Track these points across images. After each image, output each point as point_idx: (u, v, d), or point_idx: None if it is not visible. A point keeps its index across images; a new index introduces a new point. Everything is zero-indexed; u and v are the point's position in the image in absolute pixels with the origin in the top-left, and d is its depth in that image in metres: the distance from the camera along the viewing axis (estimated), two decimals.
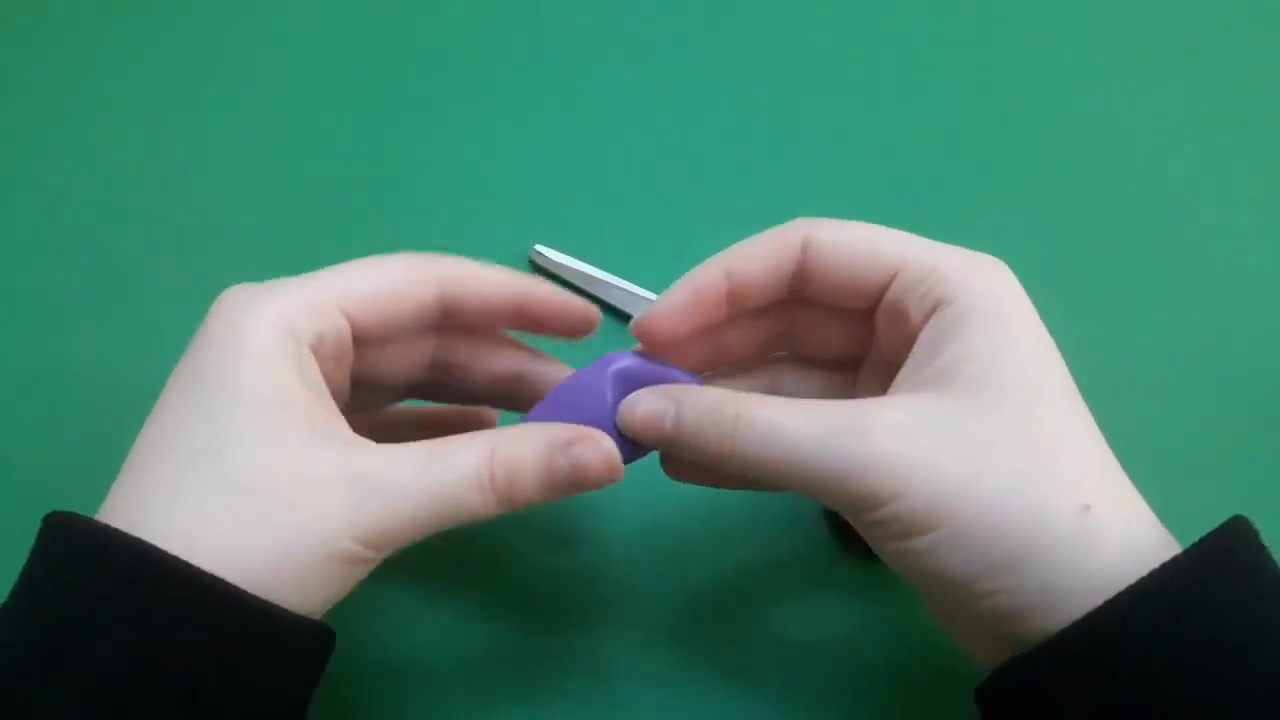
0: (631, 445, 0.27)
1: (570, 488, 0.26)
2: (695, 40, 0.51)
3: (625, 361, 0.28)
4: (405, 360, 0.30)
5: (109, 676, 0.22)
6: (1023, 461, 0.23)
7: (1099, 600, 0.22)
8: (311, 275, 0.27)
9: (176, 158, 0.47)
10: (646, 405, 0.27)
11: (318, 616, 0.25)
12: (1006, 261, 0.28)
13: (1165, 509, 0.25)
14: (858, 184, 0.47)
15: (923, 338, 0.26)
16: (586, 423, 0.27)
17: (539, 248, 0.42)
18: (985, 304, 0.25)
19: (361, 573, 0.25)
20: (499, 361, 0.31)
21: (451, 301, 0.28)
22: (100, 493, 0.24)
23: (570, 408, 0.28)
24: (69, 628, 0.22)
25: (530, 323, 0.29)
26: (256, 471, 0.23)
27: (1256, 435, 0.39)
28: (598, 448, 0.26)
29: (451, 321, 0.29)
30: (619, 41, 0.50)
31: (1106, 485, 0.24)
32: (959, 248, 0.27)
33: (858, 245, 0.27)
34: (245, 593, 0.22)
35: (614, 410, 0.27)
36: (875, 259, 0.27)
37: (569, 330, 0.30)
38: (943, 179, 0.47)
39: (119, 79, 0.50)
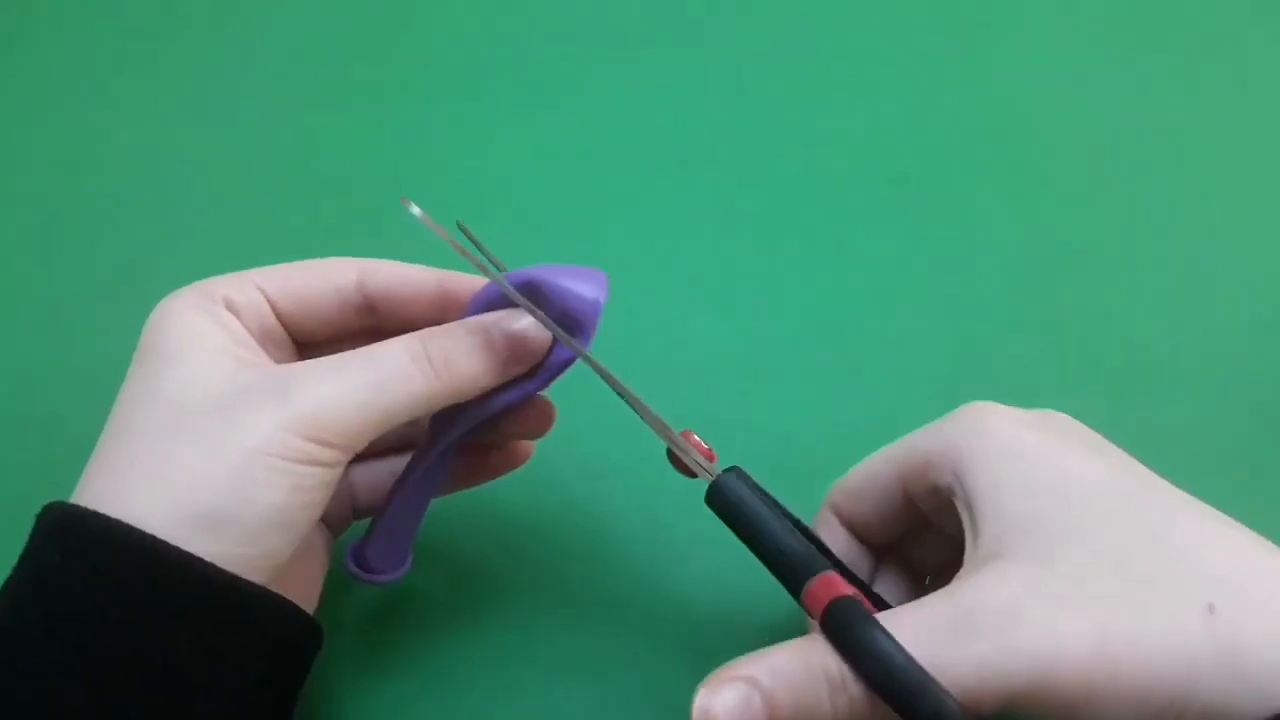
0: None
1: (510, 359, 0.27)
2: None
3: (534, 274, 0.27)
4: (332, 304, 0.30)
5: (87, 645, 0.22)
6: (1121, 591, 0.22)
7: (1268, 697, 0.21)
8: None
9: (177, 157, 0.47)
10: (726, 700, 0.22)
11: (284, 534, 0.24)
12: (1004, 261, 0.27)
13: None
14: (858, 181, 0.47)
15: (964, 516, 0.25)
16: None
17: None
18: (993, 458, 0.24)
19: (315, 477, 0.24)
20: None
21: (374, 291, 0.29)
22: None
23: None
24: (49, 604, 0.23)
25: (455, 310, 0.29)
26: (188, 402, 0.24)
27: (1257, 435, 0.39)
28: (521, 316, 0.27)
29: (380, 317, 0.29)
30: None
31: (1215, 572, 0.22)
32: (949, 415, 0.27)
33: (874, 483, 0.28)
34: (173, 548, 0.23)
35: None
36: (889, 486, 0.28)
37: None
38: (942, 179, 0.47)
39: (120, 78, 0.50)
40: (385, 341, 0.26)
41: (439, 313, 0.29)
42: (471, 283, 0.29)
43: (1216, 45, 0.52)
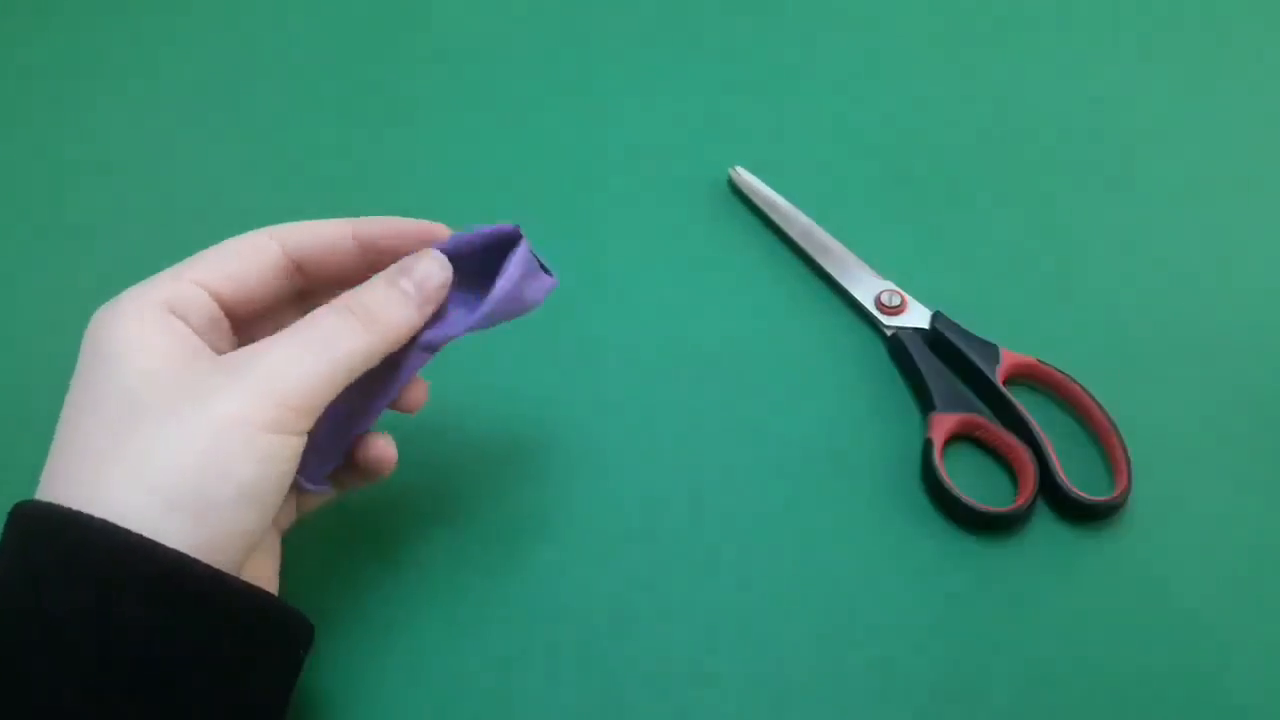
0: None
1: (423, 300, 0.28)
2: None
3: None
4: (261, 281, 0.30)
5: (78, 646, 0.22)
6: None
7: None
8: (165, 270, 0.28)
9: (178, 158, 0.47)
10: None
11: (260, 508, 0.25)
12: (1004, 260, 0.26)
13: (1165, 510, 0.25)
14: (856, 182, 0.47)
15: None
16: None
17: (739, 169, 0.46)
18: None
19: (282, 445, 0.25)
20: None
21: (296, 252, 0.29)
22: None
23: None
24: (35, 606, 0.23)
25: (374, 252, 0.30)
26: (145, 394, 0.24)
27: (1257, 435, 0.39)
28: (432, 260, 0.29)
29: (309, 276, 0.30)
30: None
31: None
32: None
33: None
34: (163, 547, 0.23)
35: None
36: None
37: (421, 245, 0.31)
38: (944, 178, 0.47)
39: (120, 78, 0.50)
40: (316, 310, 0.27)
41: (359, 260, 0.30)
42: (381, 225, 0.30)
43: (1216, 45, 0.52)
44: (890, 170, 0.47)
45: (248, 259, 0.29)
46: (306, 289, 0.31)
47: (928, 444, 0.37)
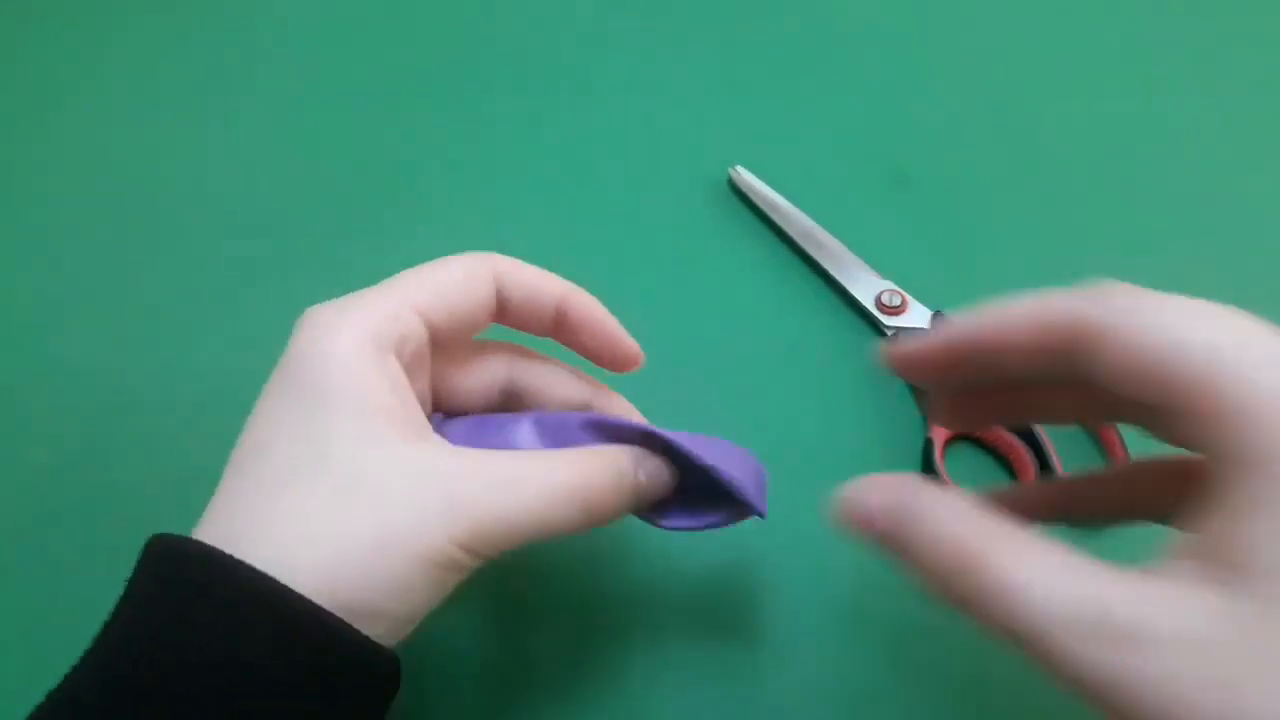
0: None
1: (636, 501, 0.27)
2: None
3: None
4: (480, 381, 0.30)
5: (231, 696, 0.22)
6: None
7: None
8: (384, 284, 0.27)
9: (178, 158, 0.47)
10: (879, 498, 0.23)
11: (413, 624, 0.24)
12: (1004, 260, 0.26)
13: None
14: (857, 180, 0.47)
15: (1220, 493, 0.19)
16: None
17: (739, 169, 0.45)
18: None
19: (455, 581, 0.24)
20: (570, 388, 0.31)
21: (510, 297, 0.28)
22: (99, 490, 0.24)
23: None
24: (173, 656, 0.22)
25: (568, 332, 0.30)
26: (355, 472, 0.23)
27: None
28: (658, 465, 0.27)
29: (506, 320, 0.29)
30: None
31: None
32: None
33: (1158, 348, 0.20)
34: (336, 620, 0.22)
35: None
36: (1176, 371, 0.20)
37: (608, 353, 0.30)
38: (945, 178, 0.47)
39: (120, 79, 0.50)
40: (555, 464, 0.26)
41: (552, 324, 0.29)
42: (594, 303, 0.29)
43: (1217, 44, 0.52)
44: (890, 170, 0.47)
45: (467, 293, 0.27)
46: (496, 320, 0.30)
47: (928, 444, 0.37)
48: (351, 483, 0.23)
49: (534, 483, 0.25)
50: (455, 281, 0.27)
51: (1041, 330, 0.22)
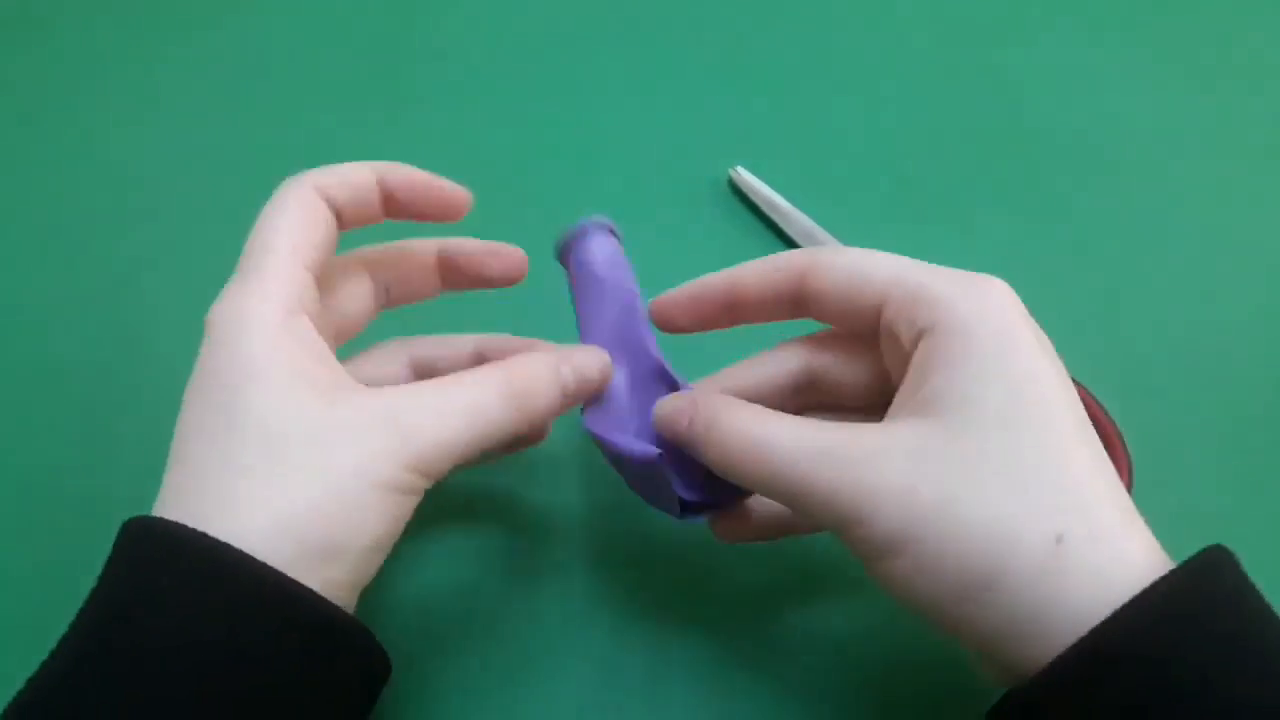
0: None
1: (564, 394, 0.28)
2: None
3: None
4: (356, 308, 0.32)
5: (200, 672, 0.22)
6: (994, 490, 0.23)
7: (1067, 631, 0.22)
8: (254, 247, 0.28)
9: (178, 158, 0.47)
10: (669, 407, 0.29)
11: (378, 555, 0.25)
12: (1004, 261, 0.28)
13: (1166, 512, 0.25)
14: (858, 180, 0.47)
15: (914, 362, 0.26)
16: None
17: (739, 169, 0.46)
18: (974, 327, 0.25)
19: (411, 504, 0.26)
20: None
21: (334, 204, 0.30)
22: (98, 489, 0.23)
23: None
24: (156, 626, 0.23)
25: (398, 204, 0.31)
26: (288, 428, 0.24)
27: (1258, 438, 0.39)
28: (595, 356, 0.30)
29: (344, 224, 0.31)
30: None
31: (1091, 515, 0.23)
32: (955, 270, 0.27)
33: (852, 269, 0.28)
34: (297, 585, 0.23)
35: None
36: (867, 284, 0.28)
37: (437, 205, 0.32)
38: (945, 178, 0.47)
39: (119, 79, 0.50)
40: (476, 373, 0.27)
41: (383, 206, 0.31)
42: (393, 168, 0.31)
43: (1217, 43, 0.52)
44: (890, 170, 0.47)
45: (318, 220, 0.29)
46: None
47: None
48: (290, 446, 0.24)
49: (463, 390, 0.26)
50: (307, 221, 0.28)
51: (775, 270, 0.29)
